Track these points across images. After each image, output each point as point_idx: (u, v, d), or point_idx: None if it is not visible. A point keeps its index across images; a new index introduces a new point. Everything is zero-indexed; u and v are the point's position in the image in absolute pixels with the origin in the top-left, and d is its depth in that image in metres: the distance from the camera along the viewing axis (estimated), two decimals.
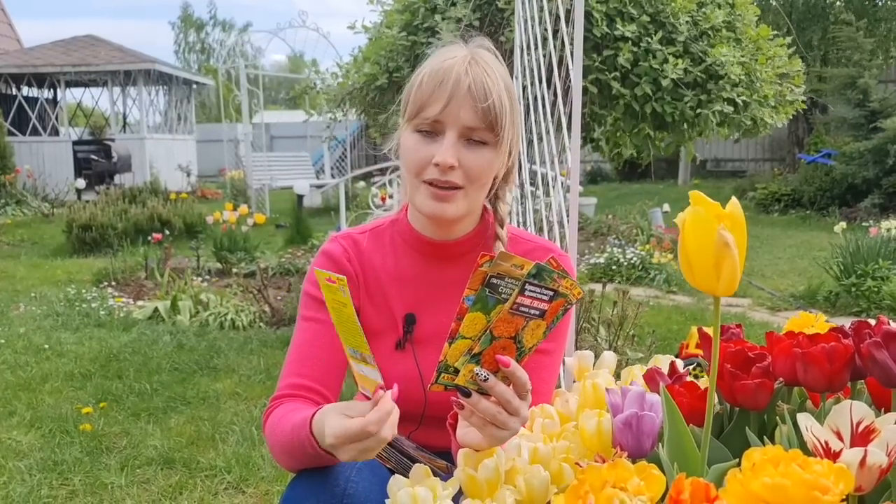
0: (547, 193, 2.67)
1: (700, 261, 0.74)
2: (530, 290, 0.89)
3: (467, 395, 0.95)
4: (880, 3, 13.41)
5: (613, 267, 6.30)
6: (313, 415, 1.02)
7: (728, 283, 0.74)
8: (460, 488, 0.98)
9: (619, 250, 6.62)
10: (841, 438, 0.78)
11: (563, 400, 1.19)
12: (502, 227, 1.28)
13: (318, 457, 1.03)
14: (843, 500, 0.64)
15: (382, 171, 6.92)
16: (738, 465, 0.72)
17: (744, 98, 3.64)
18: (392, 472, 1.03)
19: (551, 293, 0.90)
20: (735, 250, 0.72)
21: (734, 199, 0.75)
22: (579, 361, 1.32)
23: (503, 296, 0.90)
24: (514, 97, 1.20)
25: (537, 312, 0.91)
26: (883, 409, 0.94)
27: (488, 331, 0.91)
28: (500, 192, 1.29)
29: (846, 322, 1.04)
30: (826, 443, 0.76)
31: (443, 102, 1.13)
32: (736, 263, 0.73)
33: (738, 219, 0.74)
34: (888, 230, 5.52)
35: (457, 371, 0.94)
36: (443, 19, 3.69)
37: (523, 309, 0.90)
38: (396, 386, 0.95)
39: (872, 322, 1.01)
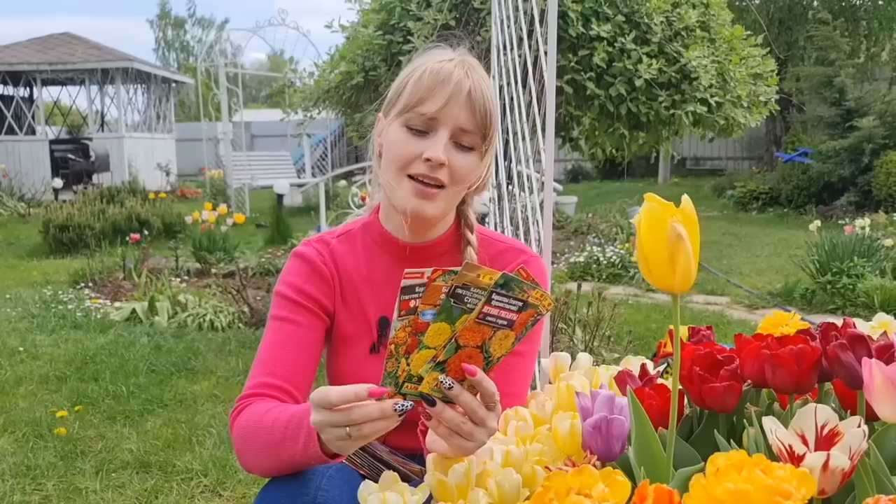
0: (524, 192, 2.67)
1: (655, 256, 0.75)
2: (497, 300, 0.88)
3: (431, 403, 0.94)
4: (858, 3, 13.57)
5: (593, 265, 6.33)
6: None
7: (683, 278, 0.75)
8: (430, 494, 0.98)
9: (599, 249, 6.66)
10: (806, 442, 0.78)
11: (539, 402, 1.18)
12: (472, 231, 1.28)
13: (305, 455, 1.00)
14: None
15: (363, 170, 6.90)
16: (705, 468, 0.72)
17: (717, 99, 3.67)
18: (365, 479, 1.02)
19: (520, 304, 0.88)
20: (688, 244, 0.74)
21: (686, 196, 0.76)
22: (556, 363, 1.31)
23: (469, 306, 0.89)
24: (497, 106, 1.22)
25: (505, 323, 0.89)
26: (849, 411, 0.95)
27: (453, 339, 0.90)
28: (468, 198, 1.29)
29: (822, 319, 1.05)
30: (790, 446, 0.76)
31: (443, 101, 1.14)
32: (690, 257, 0.74)
33: (691, 215, 0.75)
34: (862, 228, 5.58)
35: (420, 379, 0.93)
36: (419, 20, 3.69)
37: (490, 319, 0.89)
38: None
39: (842, 323, 1.02)
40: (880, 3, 13.22)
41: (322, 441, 0.98)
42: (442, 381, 0.92)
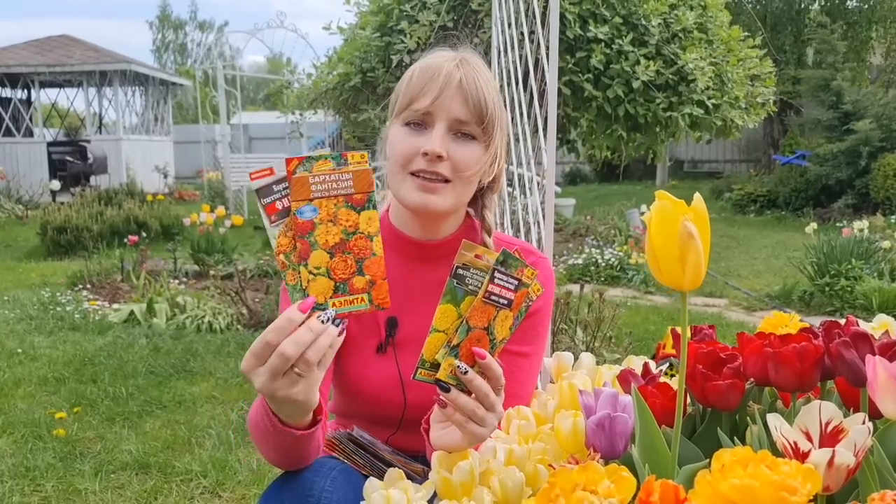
0: (524, 194, 2.67)
1: (666, 254, 0.76)
2: (499, 278, 0.93)
3: (446, 390, 0.95)
4: (853, 6, 13.60)
5: (591, 268, 6.33)
6: None
7: (693, 276, 0.75)
8: (434, 491, 0.98)
9: (598, 251, 6.66)
10: (810, 439, 0.79)
11: (541, 402, 1.19)
12: (490, 235, 1.27)
13: (279, 432, 0.98)
14: (811, 501, 0.64)
15: None
16: (709, 465, 0.72)
17: (714, 101, 3.68)
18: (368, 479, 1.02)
19: (516, 282, 0.94)
20: (699, 242, 0.74)
21: (698, 195, 0.76)
22: (558, 362, 1.32)
23: (470, 286, 0.94)
24: (501, 103, 1.21)
25: (505, 302, 0.94)
26: (852, 409, 0.95)
27: (464, 321, 0.93)
28: (487, 200, 1.28)
29: (820, 321, 1.05)
30: (795, 443, 0.76)
31: (434, 94, 1.14)
32: (700, 255, 0.74)
33: (702, 214, 0.75)
34: (860, 230, 5.59)
35: (434, 367, 0.94)
36: (416, 21, 3.69)
37: (493, 298, 0.93)
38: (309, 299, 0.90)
39: (843, 322, 1.02)
40: (878, 6, 13.25)
41: (281, 413, 0.95)
42: (458, 367, 0.93)
